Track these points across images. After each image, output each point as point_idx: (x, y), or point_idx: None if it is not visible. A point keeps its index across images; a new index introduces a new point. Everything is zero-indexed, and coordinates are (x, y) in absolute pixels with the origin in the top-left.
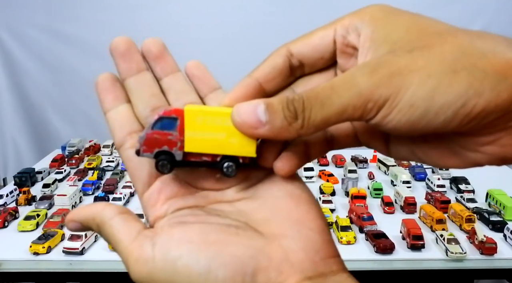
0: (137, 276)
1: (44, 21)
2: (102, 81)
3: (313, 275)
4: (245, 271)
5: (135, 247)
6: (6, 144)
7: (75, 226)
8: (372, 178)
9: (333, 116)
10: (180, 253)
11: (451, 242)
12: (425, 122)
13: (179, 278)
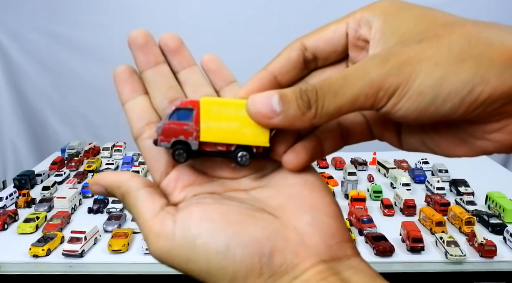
0: (157, 252)
1: (43, 24)
2: (120, 73)
3: (327, 259)
4: (263, 252)
5: (157, 223)
6: (5, 147)
7: (99, 190)
8: (372, 180)
9: (346, 105)
10: (200, 231)
11: (451, 244)
12: (433, 109)
13: (197, 255)
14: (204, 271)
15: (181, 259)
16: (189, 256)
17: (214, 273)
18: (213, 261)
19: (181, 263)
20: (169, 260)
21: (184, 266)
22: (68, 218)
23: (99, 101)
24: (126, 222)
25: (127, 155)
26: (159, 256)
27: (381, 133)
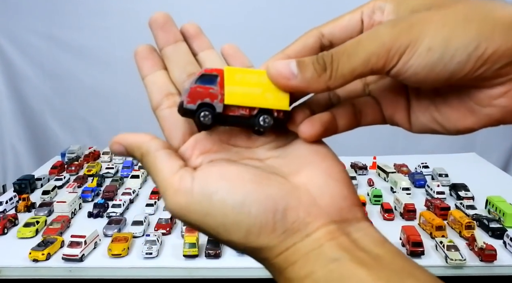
0: (174, 207)
1: (44, 28)
2: (140, 50)
3: (338, 220)
4: (276, 208)
5: (176, 179)
6: (5, 151)
7: (119, 149)
8: (372, 184)
9: (359, 66)
10: (217, 187)
11: (451, 249)
12: (442, 66)
13: (213, 211)
14: (219, 225)
15: (198, 214)
16: (206, 210)
17: (229, 227)
18: (229, 216)
19: (198, 217)
20: (186, 215)
21: (201, 220)
22: (68, 222)
23: (99, 105)
24: (126, 226)
25: (127, 159)
26: (177, 211)
27: (391, 113)
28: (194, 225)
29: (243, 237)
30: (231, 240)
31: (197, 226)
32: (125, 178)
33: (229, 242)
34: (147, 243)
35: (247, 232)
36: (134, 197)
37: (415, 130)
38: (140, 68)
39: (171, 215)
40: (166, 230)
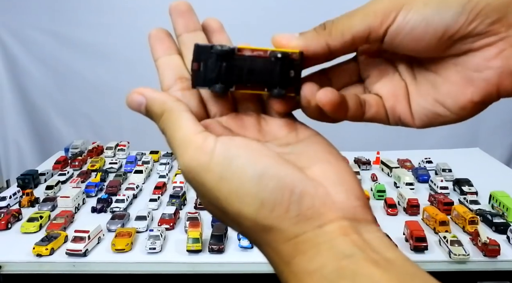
0: (192, 163)
1: (47, 24)
2: (155, 33)
3: (351, 218)
4: (294, 190)
5: (199, 137)
6: (9, 146)
7: (139, 100)
8: (375, 179)
9: (357, 23)
10: (239, 153)
11: (454, 244)
12: (438, 18)
13: (231, 176)
14: (233, 192)
15: (214, 176)
16: (223, 174)
17: (243, 196)
18: (245, 184)
19: (213, 179)
20: (201, 174)
21: (214, 183)
22: (71, 217)
23: (102, 100)
24: (129, 221)
25: (130, 154)
26: (193, 168)
27: (393, 104)
28: (204, 188)
29: (255, 210)
30: (240, 212)
31: (207, 189)
32: (129, 173)
33: (237, 216)
34: (151, 238)
35: (260, 205)
36: (137, 192)
37: (418, 123)
38: (154, 49)
39: (183, 175)
40: (169, 225)
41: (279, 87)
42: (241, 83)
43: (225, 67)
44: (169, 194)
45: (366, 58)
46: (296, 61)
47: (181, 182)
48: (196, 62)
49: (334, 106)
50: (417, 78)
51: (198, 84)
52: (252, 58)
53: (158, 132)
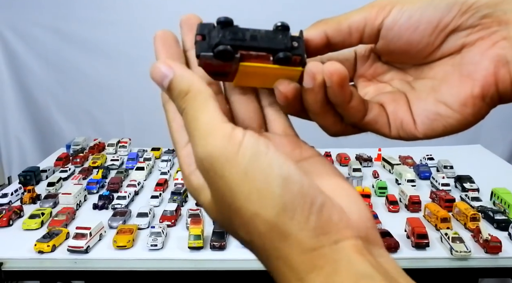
0: (216, 152)
1: (48, 21)
2: (161, 34)
3: (364, 238)
4: (315, 200)
5: (228, 127)
6: (11, 143)
7: (165, 72)
8: (377, 176)
9: (354, 14)
10: (268, 150)
11: (456, 240)
12: (432, 8)
13: (256, 173)
14: (255, 190)
15: (238, 170)
16: (249, 169)
17: (265, 196)
18: (270, 184)
19: (236, 173)
20: (224, 166)
21: (237, 178)
22: (73, 214)
23: (104, 97)
24: (131, 218)
25: (132, 151)
26: (216, 158)
27: (394, 109)
28: (221, 182)
29: (276, 213)
30: (259, 214)
31: (225, 183)
32: (130, 170)
33: (253, 218)
34: (152, 234)
35: (282, 209)
36: (139, 188)
37: (420, 127)
38: (158, 54)
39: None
40: (171, 222)
41: (284, 51)
42: (245, 48)
43: (229, 32)
44: (170, 191)
45: (363, 81)
46: (297, 36)
47: (182, 179)
48: (200, 35)
49: (341, 78)
50: (416, 87)
51: (202, 51)
52: (254, 29)
53: (159, 129)
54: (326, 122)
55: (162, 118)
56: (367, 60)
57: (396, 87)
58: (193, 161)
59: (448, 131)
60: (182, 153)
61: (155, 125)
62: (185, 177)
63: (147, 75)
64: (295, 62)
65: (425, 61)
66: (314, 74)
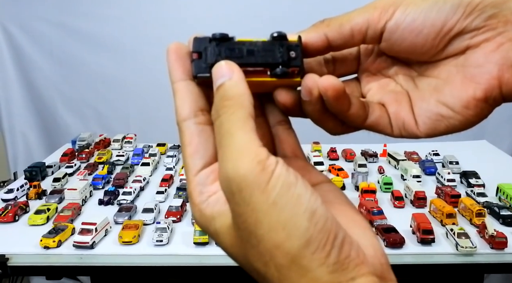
0: (248, 176)
1: (54, 16)
2: (175, 48)
3: (379, 275)
4: (338, 234)
5: (263, 152)
6: (16, 139)
7: (226, 74)
8: (382, 172)
9: (356, 15)
10: (298, 182)
11: (461, 236)
12: (436, 11)
13: (284, 203)
14: (281, 221)
15: (268, 198)
16: (278, 199)
17: (291, 228)
18: (298, 216)
19: (265, 202)
20: (254, 192)
21: (265, 207)
22: (78, 209)
23: (109, 93)
24: (136, 213)
25: (137, 147)
26: (247, 183)
27: (396, 110)
28: (247, 208)
29: (300, 246)
30: (282, 246)
31: (250, 210)
32: (136, 166)
33: (274, 249)
34: (158, 230)
35: (306, 243)
36: (144, 184)
37: (422, 128)
38: (173, 70)
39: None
40: (176, 218)
41: (281, 66)
42: (242, 65)
43: (225, 49)
44: (176, 187)
45: (367, 76)
46: (295, 43)
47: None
48: (196, 53)
49: (336, 92)
50: (418, 85)
51: (200, 72)
52: (251, 43)
53: (165, 125)
54: (327, 126)
55: (167, 114)
56: (371, 55)
57: (400, 83)
58: (206, 190)
59: (450, 131)
60: (194, 180)
61: (161, 121)
62: (195, 205)
63: (153, 71)
64: (293, 74)
65: (429, 61)
66: (310, 89)
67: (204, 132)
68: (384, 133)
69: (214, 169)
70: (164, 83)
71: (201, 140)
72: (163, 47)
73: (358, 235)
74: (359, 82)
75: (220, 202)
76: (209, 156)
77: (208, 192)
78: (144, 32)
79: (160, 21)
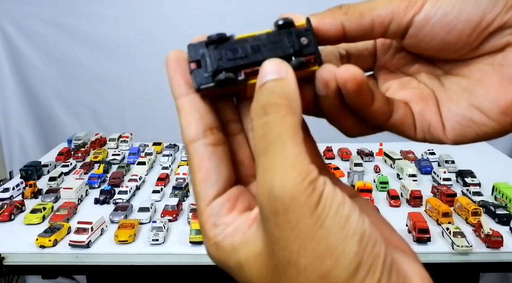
0: (296, 196)
1: (49, 15)
2: (175, 57)
3: None
4: (386, 259)
5: (314, 171)
6: (12, 137)
7: (279, 70)
8: (378, 171)
9: (380, 5)
10: (345, 202)
11: (457, 235)
12: (472, 3)
13: (332, 227)
14: (329, 246)
15: (316, 222)
16: (326, 223)
17: (340, 254)
18: (347, 240)
19: (313, 227)
20: (301, 215)
21: (312, 232)
22: (74, 208)
23: (105, 92)
24: (132, 212)
25: (133, 146)
26: (298, 204)
27: (422, 108)
28: (288, 232)
29: (349, 273)
30: (328, 274)
31: (293, 234)
32: (132, 165)
33: (318, 279)
34: (154, 229)
35: (355, 269)
36: (140, 183)
37: (450, 134)
38: (174, 83)
39: (261, 198)
40: (172, 217)
41: (295, 56)
42: (249, 66)
43: (226, 51)
44: (172, 186)
45: (384, 73)
46: (304, 28)
47: (184, 173)
48: (194, 62)
49: (358, 84)
50: (446, 85)
51: (202, 83)
52: (254, 37)
53: (161, 124)
54: (344, 126)
55: (163, 113)
56: (389, 49)
57: (424, 82)
58: (221, 221)
59: (481, 139)
60: (207, 211)
61: (157, 120)
62: (209, 239)
63: (149, 70)
64: (310, 63)
65: (459, 58)
66: (327, 82)
67: (216, 154)
68: (406, 135)
69: (229, 197)
70: (160, 83)
71: (212, 165)
72: (159, 46)
73: (401, 261)
74: (376, 81)
75: (240, 231)
76: (222, 183)
77: (223, 224)
78: (140, 32)
79: (156, 21)
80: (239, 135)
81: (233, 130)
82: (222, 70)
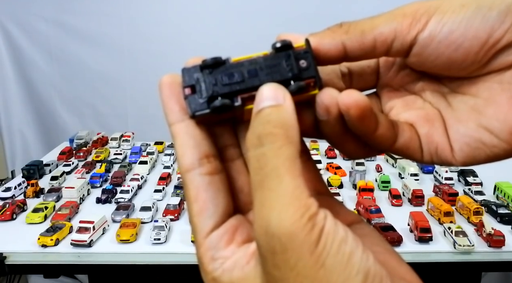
0: (297, 233)
1: (52, 14)
2: (169, 81)
3: None
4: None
5: (314, 205)
6: (14, 137)
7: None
8: (380, 170)
9: (382, 23)
10: (347, 237)
11: (459, 234)
12: (480, 20)
13: (334, 266)
14: (342, 275)
15: (317, 262)
16: (327, 261)
17: (354, 274)
18: (350, 280)
19: (314, 266)
20: (304, 255)
21: (312, 272)
22: (76, 208)
23: (107, 91)
24: (134, 212)
25: (135, 145)
26: (297, 242)
27: (428, 130)
28: (288, 273)
29: None
30: None
31: (292, 275)
32: (133, 164)
33: None
34: (155, 228)
35: (364, 277)
36: (142, 182)
37: (458, 156)
38: (168, 109)
39: (259, 235)
40: (174, 216)
41: (293, 81)
42: (246, 91)
43: (222, 76)
44: (173, 185)
45: (388, 91)
46: (303, 50)
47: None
48: (188, 87)
49: (361, 110)
50: (452, 104)
51: (197, 109)
52: (250, 61)
53: (162, 123)
54: (347, 150)
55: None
56: (392, 67)
57: (429, 101)
58: (219, 255)
59: (491, 160)
60: (204, 244)
61: (159, 119)
62: (207, 273)
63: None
64: (309, 87)
65: (465, 76)
66: (328, 107)
67: (213, 184)
68: (412, 158)
69: (228, 228)
70: None
71: (209, 195)
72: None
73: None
74: (379, 99)
75: (238, 266)
76: (220, 214)
77: (221, 258)
78: (143, 31)
79: (159, 20)
80: (237, 160)
81: (231, 156)
82: (218, 96)
